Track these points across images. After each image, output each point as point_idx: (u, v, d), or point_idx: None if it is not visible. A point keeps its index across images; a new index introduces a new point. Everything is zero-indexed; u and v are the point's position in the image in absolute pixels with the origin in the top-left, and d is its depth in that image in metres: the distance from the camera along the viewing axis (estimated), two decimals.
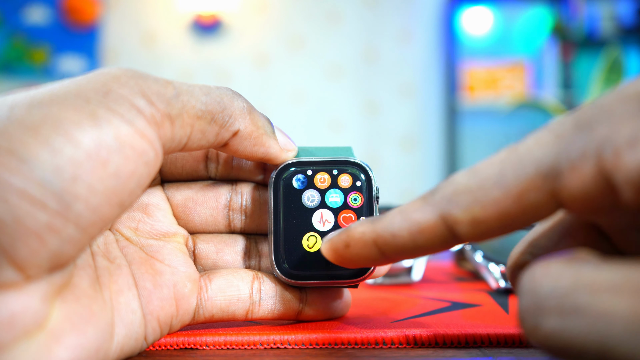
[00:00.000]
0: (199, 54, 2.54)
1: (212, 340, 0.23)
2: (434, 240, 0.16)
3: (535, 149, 0.15)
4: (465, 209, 0.16)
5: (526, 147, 0.15)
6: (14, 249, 0.16)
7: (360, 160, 0.26)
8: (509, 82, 2.48)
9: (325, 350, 0.23)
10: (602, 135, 0.13)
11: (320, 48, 2.55)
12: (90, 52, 2.52)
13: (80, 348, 0.18)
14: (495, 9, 2.54)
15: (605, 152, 0.13)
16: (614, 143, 0.13)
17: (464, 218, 0.16)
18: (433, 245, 0.17)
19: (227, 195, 0.26)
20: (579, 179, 0.14)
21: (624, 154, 0.13)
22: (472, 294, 0.34)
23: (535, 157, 0.15)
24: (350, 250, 0.18)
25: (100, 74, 0.19)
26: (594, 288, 0.12)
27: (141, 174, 0.18)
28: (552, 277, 0.13)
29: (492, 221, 0.15)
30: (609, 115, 0.14)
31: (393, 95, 2.54)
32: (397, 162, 2.53)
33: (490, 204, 0.15)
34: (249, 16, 2.55)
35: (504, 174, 0.15)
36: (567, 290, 0.13)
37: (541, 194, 0.14)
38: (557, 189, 0.14)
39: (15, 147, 0.16)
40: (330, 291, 0.26)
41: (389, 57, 2.54)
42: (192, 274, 0.24)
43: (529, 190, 0.15)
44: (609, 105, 0.14)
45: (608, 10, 2.42)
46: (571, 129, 0.14)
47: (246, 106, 0.23)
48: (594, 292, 0.12)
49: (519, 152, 0.15)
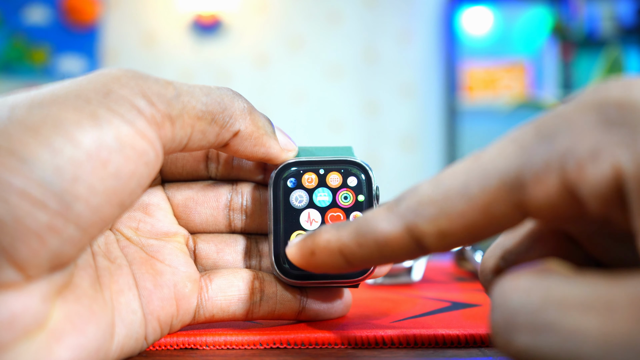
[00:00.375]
0: (199, 54, 2.54)
1: (212, 340, 0.23)
2: (400, 251, 0.16)
3: (498, 160, 0.15)
4: (431, 221, 0.15)
5: (489, 157, 0.15)
6: (15, 249, 0.16)
7: (360, 160, 0.26)
8: (509, 82, 2.48)
9: (325, 350, 0.23)
10: (564, 146, 0.14)
11: (320, 48, 2.55)
12: (90, 52, 2.52)
13: (81, 348, 0.18)
14: (495, 9, 2.54)
15: (568, 165, 0.13)
16: (576, 155, 0.13)
17: (430, 230, 0.15)
18: (399, 255, 0.17)
19: (228, 195, 0.26)
20: (544, 191, 0.14)
21: (587, 167, 0.13)
22: (472, 294, 0.34)
23: (499, 169, 0.15)
24: (315, 258, 0.18)
25: (101, 74, 0.19)
26: (563, 304, 0.12)
27: (141, 174, 0.18)
28: (522, 291, 0.13)
29: (459, 232, 0.15)
30: (570, 126, 0.14)
31: (393, 95, 2.54)
32: (397, 162, 2.53)
33: (456, 216, 0.15)
34: (249, 16, 2.55)
35: (469, 185, 0.15)
36: (537, 307, 0.12)
37: (506, 205, 0.14)
38: (522, 200, 0.14)
39: (15, 147, 0.16)
40: (330, 291, 0.26)
41: (389, 57, 2.54)
42: (193, 274, 0.24)
43: (494, 202, 0.15)
44: (570, 115, 0.14)
45: (608, 10, 2.42)
46: (533, 138, 0.14)
47: (246, 106, 0.23)
48: (563, 308, 0.12)
49: (482, 162, 0.15)
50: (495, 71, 2.49)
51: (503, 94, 2.42)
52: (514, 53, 2.52)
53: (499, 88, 2.47)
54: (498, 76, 2.48)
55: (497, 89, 2.47)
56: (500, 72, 2.49)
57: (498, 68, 2.49)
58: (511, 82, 2.48)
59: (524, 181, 0.14)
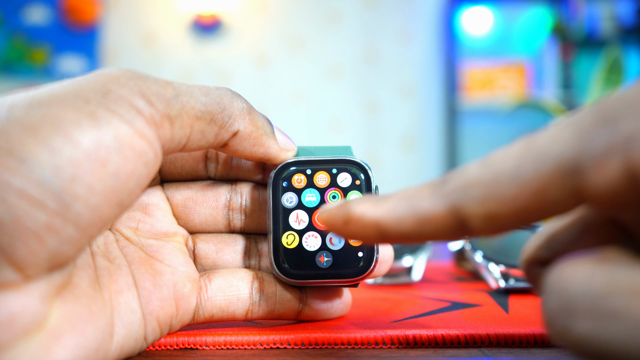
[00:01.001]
0: (199, 54, 2.54)
1: (212, 340, 0.23)
2: (441, 231, 0.16)
3: (555, 144, 0.14)
4: (479, 203, 0.15)
5: (544, 141, 0.14)
6: (13, 248, 0.16)
7: (359, 159, 0.26)
8: (509, 82, 2.48)
9: (325, 350, 0.23)
10: (628, 130, 0.13)
11: (320, 48, 2.55)
12: (90, 52, 2.52)
13: (80, 348, 0.18)
14: (495, 9, 2.54)
15: (632, 150, 0.13)
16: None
17: (478, 213, 0.15)
18: (439, 235, 0.16)
19: (227, 195, 0.26)
20: (605, 176, 0.13)
21: None
22: (472, 294, 0.34)
23: (555, 153, 0.14)
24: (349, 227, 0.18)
25: (100, 74, 0.19)
26: (632, 292, 0.12)
27: (140, 174, 0.18)
28: (583, 277, 0.13)
29: (508, 216, 0.15)
30: (635, 109, 0.13)
31: (393, 95, 2.54)
32: (397, 162, 2.53)
33: (506, 199, 0.14)
34: (249, 16, 2.55)
35: (521, 169, 0.14)
36: (602, 293, 0.12)
37: (562, 191, 0.14)
38: (580, 186, 0.14)
39: (14, 147, 0.16)
40: (330, 291, 0.26)
41: (389, 57, 2.54)
42: (192, 274, 0.24)
43: (549, 187, 0.14)
44: (633, 99, 0.13)
45: (608, 10, 2.42)
46: (593, 123, 0.14)
47: (246, 106, 0.23)
48: (632, 296, 0.12)
49: (536, 145, 0.15)
50: (495, 71, 2.49)
51: (503, 94, 2.42)
52: (514, 53, 2.52)
53: (499, 88, 2.47)
54: (498, 76, 2.48)
55: (497, 89, 2.47)
56: (500, 72, 2.48)
57: (498, 68, 2.49)
58: (511, 82, 2.48)
59: (583, 166, 0.13)
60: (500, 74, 2.48)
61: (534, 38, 2.53)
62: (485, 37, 2.55)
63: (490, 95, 2.46)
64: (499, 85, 2.47)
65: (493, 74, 2.49)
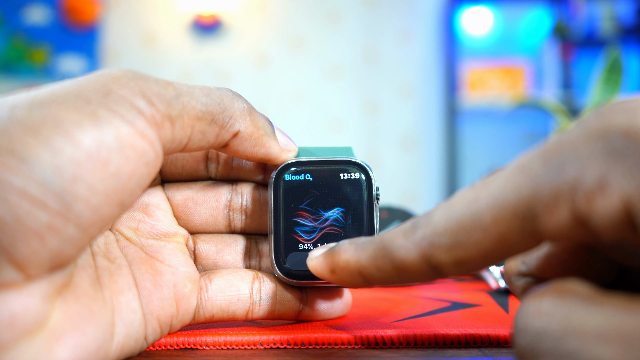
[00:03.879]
0: (199, 54, 2.54)
1: (212, 340, 0.23)
2: (417, 277, 0.18)
3: (508, 190, 0.15)
4: (447, 251, 0.16)
5: (498, 187, 0.15)
6: (15, 248, 0.16)
7: (360, 160, 0.26)
8: (509, 82, 2.48)
9: (325, 350, 0.23)
10: (572, 176, 0.14)
11: (320, 48, 2.55)
12: (90, 52, 2.52)
13: (81, 348, 0.18)
14: (495, 9, 2.54)
15: (577, 197, 0.14)
16: (584, 187, 0.13)
17: (448, 260, 0.16)
18: (417, 279, 0.18)
19: (228, 195, 0.26)
20: (556, 221, 0.14)
21: (595, 198, 0.13)
22: (472, 294, 0.34)
23: (510, 200, 0.15)
24: (335, 275, 0.20)
25: (101, 74, 0.19)
26: (583, 334, 0.12)
27: (141, 174, 0.19)
28: (544, 316, 0.13)
29: (475, 260, 0.16)
30: (576, 155, 0.14)
31: (393, 95, 2.54)
32: (397, 162, 2.53)
33: (471, 246, 0.16)
34: (249, 16, 2.55)
35: (481, 216, 0.15)
36: (559, 334, 0.13)
37: (521, 234, 0.15)
38: (536, 229, 0.15)
39: (15, 147, 0.16)
40: (330, 291, 0.26)
41: (389, 57, 2.54)
42: (192, 274, 0.24)
43: (509, 231, 0.15)
44: (575, 143, 0.14)
45: (608, 10, 2.42)
46: (541, 167, 0.15)
47: (246, 107, 0.23)
48: (583, 338, 0.12)
49: (491, 191, 0.16)
50: (495, 71, 2.49)
51: (503, 94, 2.42)
52: (514, 53, 2.52)
53: (499, 88, 2.47)
54: (498, 76, 2.48)
55: (497, 89, 2.47)
56: (500, 72, 2.48)
57: (498, 68, 2.49)
58: (511, 82, 2.48)
59: (536, 212, 0.14)
60: (500, 74, 2.48)
61: (534, 38, 2.53)
62: (485, 37, 2.55)
63: (490, 96, 2.46)
64: (499, 86, 2.47)
65: (493, 74, 2.49)
